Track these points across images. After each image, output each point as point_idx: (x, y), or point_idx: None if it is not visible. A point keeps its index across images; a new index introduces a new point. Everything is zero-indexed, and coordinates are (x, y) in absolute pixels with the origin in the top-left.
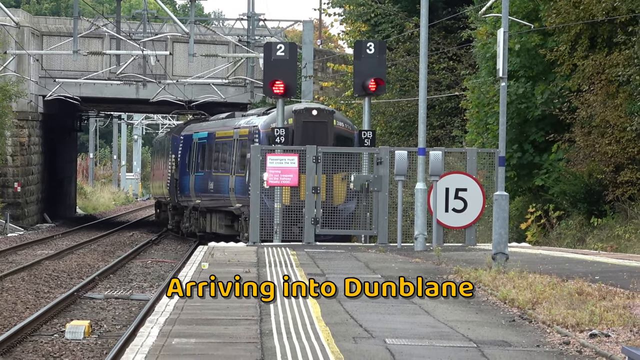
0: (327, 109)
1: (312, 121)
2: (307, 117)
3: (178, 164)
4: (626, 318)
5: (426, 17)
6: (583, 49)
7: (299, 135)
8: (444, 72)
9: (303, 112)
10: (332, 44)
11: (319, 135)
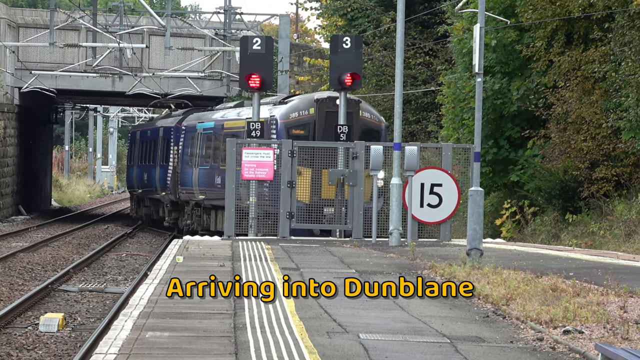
0: (352, 98)
1: (336, 111)
2: (330, 107)
3: (178, 156)
4: (600, 315)
5: (403, 12)
6: (559, 45)
7: (321, 127)
8: (420, 67)
9: (326, 101)
10: (309, 38)
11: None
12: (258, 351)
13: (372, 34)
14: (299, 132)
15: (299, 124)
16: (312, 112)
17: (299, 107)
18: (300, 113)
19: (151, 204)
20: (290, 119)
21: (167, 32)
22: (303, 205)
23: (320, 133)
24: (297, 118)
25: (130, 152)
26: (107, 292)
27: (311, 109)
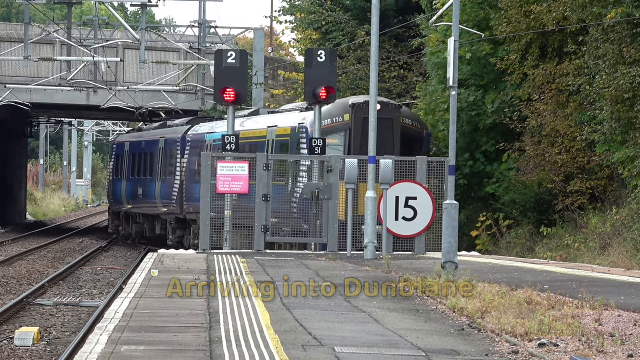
0: (392, 103)
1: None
2: (368, 113)
3: (184, 170)
4: (575, 328)
5: (377, 25)
6: (534, 58)
7: (358, 135)
8: (395, 80)
9: (363, 106)
10: (283, 51)
11: (383, 135)
12: None
13: (347, 48)
14: (332, 140)
15: (333, 131)
16: (347, 118)
17: (332, 113)
18: (334, 120)
19: (145, 221)
20: (324, 127)
21: (142, 45)
22: (339, 222)
23: (358, 142)
24: (331, 125)
25: (116, 165)
26: (83, 306)
27: (346, 115)
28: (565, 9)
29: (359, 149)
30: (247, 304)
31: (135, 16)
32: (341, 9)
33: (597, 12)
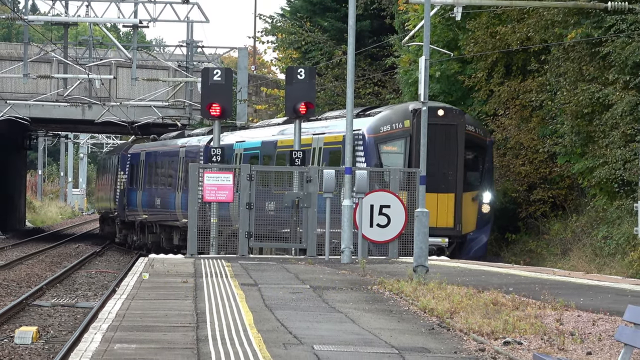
0: (455, 109)
1: (438, 124)
2: (431, 119)
3: None
4: (537, 327)
5: (353, 45)
6: (499, 76)
7: (419, 143)
8: (370, 96)
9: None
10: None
11: (446, 141)
12: None
13: (325, 66)
14: (390, 148)
15: (391, 138)
16: (408, 124)
17: (391, 120)
18: (393, 126)
19: (162, 231)
20: (381, 133)
21: (134, 64)
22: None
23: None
24: (389, 132)
25: (131, 174)
26: (78, 306)
27: (406, 121)
28: (528, 30)
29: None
30: (231, 305)
31: (127, 36)
32: (319, 29)
33: (558, 33)
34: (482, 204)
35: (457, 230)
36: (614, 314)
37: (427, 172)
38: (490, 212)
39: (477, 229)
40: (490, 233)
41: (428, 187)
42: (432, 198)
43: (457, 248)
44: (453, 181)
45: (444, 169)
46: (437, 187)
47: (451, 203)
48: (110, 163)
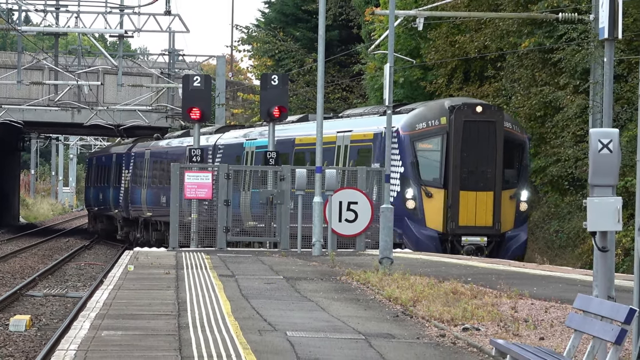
0: (494, 106)
1: (477, 120)
2: (469, 116)
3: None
4: (494, 314)
5: (323, 53)
6: (458, 81)
7: (458, 139)
8: (339, 101)
9: (463, 108)
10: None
11: (485, 138)
12: (199, 347)
13: (297, 73)
14: (426, 146)
15: (428, 136)
16: (444, 121)
17: (426, 117)
18: (429, 123)
19: (166, 228)
20: (417, 131)
21: (119, 71)
22: (434, 233)
23: (458, 147)
24: (425, 129)
25: (134, 172)
26: (68, 296)
27: (442, 118)
28: (485, 39)
29: (459, 154)
30: (210, 295)
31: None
32: (292, 39)
33: (513, 42)
34: (520, 202)
35: (495, 229)
36: (564, 302)
37: (466, 170)
38: (528, 210)
39: (515, 227)
40: (527, 232)
41: (467, 185)
42: (470, 196)
43: (495, 247)
44: (492, 179)
45: (482, 166)
46: (475, 185)
47: (490, 201)
48: (109, 161)
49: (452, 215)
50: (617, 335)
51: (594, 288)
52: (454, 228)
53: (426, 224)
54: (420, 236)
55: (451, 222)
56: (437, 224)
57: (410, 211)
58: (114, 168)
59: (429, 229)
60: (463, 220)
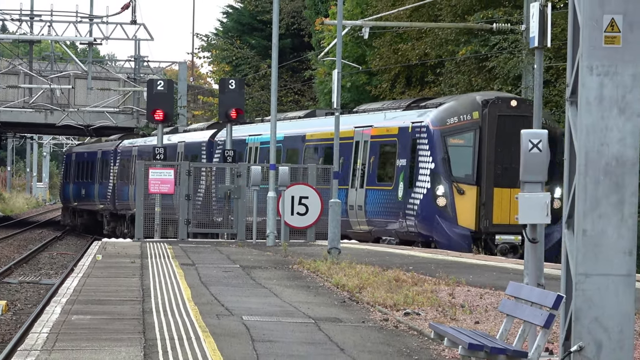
0: (528, 100)
1: (511, 115)
2: (503, 110)
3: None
4: (433, 300)
5: (276, 60)
6: (401, 86)
7: (492, 134)
8: (291, 104)
9: (497, 102)
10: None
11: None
12: (161, 330)
13: (253, 78)
14: (458, 141)
15: (460, 131)
16: (477, 116)
17: (458, 111)
18: (461, 118)
19: None
20: (448, 126)
21: (89, 75)
22: (466, 232)
23: (492, 142)
24: (457, 124)
25: (121, 170)
26: (42, 283)
27: (475, 112)
28: (425, 47)
29: (493, 150)
30: (172, 282)
31: (83, 52)
32: (248, 46)
33: (451, 50)
34: (553, 199)
35: None
36: (498, 289)
37: (500, 166)
38: (561, 207)
39: (549, 225)
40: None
41: (501, 182)
42: (505, 193)
43: None
44: (507, 176)
45: (517, 163)
46: (510, 182)
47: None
48: (93, 157)
49: (486, 213)
50: (545, 319)
51: (525, 276)
52: (488, 226)
53: (458, 222)
54: (452, 234)
55: (485, 220)
56: (469, 222)
57: (441, 209)
58: (99, 164)
59: (460, 227)
60: (497, 218)
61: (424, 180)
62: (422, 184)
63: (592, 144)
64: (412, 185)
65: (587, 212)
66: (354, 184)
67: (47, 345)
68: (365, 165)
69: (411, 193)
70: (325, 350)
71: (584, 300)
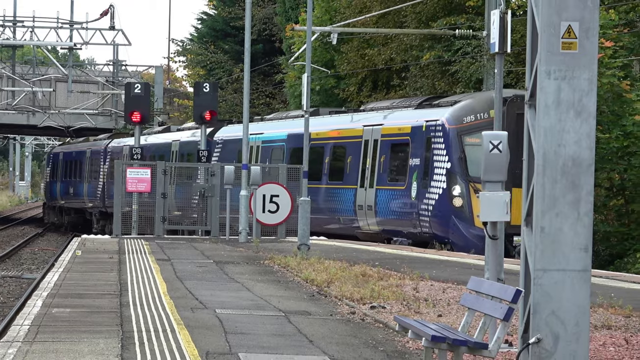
0: None
1: None
2: (521, 108)
3: None
4: (398, 294)
5: (248, 64)
6: (367, 89)
7: (511, 133)
8: (263, 106)
9: (516, 100)
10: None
11: None
12: (138, 323)
13: (226, 81)
14: (475, 140)
15: (477, 129)
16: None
17: (474, 109)
18: (478, 116)
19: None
20: (465, 124)
21: (69, 79)
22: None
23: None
24: (474, 122)
25: (110, 168)
26: (24, 278)
27: (492, 110)
28: (391, 52)
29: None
30: (149, 277)
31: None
32: (221, 51)
33: (416, 55)
34: None
35: None
36: (460, 284)
37: (516, 166)
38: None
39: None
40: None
41: (520, 182)
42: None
43: None
44: None
45: None
46: None
47: None
48: (82, 156)
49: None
50: (505, 312)
51: (486, 271)
52: (506, 228)
53: (475, 223)
54: (468, 235)
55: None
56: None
57: (458, 209)
58: (88, 163)
59: (477, 228)
60: (515, 219)
61: (440, 180)
62: (437, 184)
63: (550, 145)
64: (426, 185)
65: (545, 210)
66: (363, 184)
67: (28, 337)
68: (376, 164)
69: (425, 193)
70: (294, 341)
71: (542, 295)
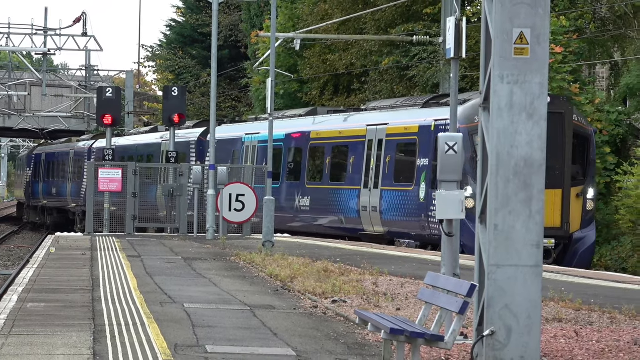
0: (562, 97)
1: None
2: None
3: None
4: (359, 289)
5: (215, 69)
6: (329, 93)
7: None
8: (229, 109)
9: None
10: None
11: (553, 132)
12: (110, 317)
13: (194, 85)
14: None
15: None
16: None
17: (476, 112)
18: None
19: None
20: (476, 123)
21: (44, 83)
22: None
23: None
24: (474, 124)
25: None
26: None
27: None
28: (352, 58)
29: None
30: (120, 273)
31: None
32: (189, 57)
33: (375, 60)
34: (587, 200)
35: (564, 230)
36: (417, 279)
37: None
38: (594, 209)
39: (582, 228)
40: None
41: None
42: (551, 196)
43: (563, 250)
44: (560, 176)
45: (550, 162)
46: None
47: (558, 200)
48: (65, 157)
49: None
50: (460, 306)
51: (442, 267)
52: None
53: None
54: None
55: None
56: None
57: (470, 210)
58: (72, 163)
59: None
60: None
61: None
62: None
63: (503, 146)
64: (435, 186)
65: (498, 208)
66: (367, 185)
67: (4, 330)
68: (380, 165)
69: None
70: (259, 334)
71: (496, 289)
